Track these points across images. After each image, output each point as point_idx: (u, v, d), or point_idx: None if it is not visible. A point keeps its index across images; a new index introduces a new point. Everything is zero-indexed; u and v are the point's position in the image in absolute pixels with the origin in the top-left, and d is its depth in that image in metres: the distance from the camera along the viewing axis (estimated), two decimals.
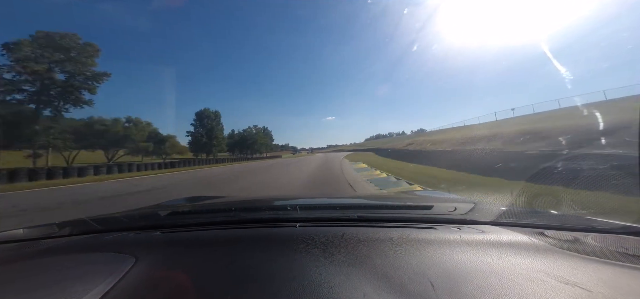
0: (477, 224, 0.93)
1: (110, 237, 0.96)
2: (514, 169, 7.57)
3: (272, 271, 0.64)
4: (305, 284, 0.57)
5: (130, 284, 0.61)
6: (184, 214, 1.37)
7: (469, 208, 1.13)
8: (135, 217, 1.32)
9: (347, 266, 0.64)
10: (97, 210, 6.48)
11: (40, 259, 0.81)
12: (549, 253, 0.70)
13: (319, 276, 0.60)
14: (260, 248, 0.77)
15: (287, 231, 0.91)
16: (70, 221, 1.10)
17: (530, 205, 3.98)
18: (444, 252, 0.70)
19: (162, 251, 0.80)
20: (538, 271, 0.61)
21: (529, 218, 1.05)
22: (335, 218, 1.05)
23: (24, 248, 0.93)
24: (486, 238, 0.80)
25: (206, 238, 0.91)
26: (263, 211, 1.42)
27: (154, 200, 7.34)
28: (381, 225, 0.93)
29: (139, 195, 8.66)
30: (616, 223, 0.91)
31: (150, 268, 0.69)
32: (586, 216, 1.07)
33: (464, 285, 0.55)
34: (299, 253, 0.72)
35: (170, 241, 0.90)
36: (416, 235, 0.82)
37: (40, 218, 5.49)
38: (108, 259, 0.75)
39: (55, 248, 0.88)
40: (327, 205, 1.62)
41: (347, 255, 0.70)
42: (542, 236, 0.82)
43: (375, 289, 0.55)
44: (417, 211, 1.28)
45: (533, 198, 4.54)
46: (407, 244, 0.75)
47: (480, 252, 0.71)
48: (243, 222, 1.09)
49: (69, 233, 1.01)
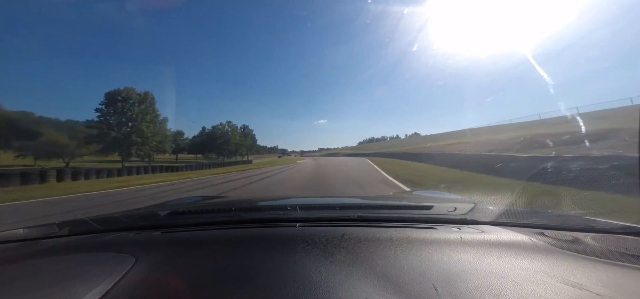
0: (477, 224, 0.93)
1: (110, 237, 0.96)
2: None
3: (272, 271, 0.64)
4: (305, 284, 0.57)
5: (130, 284, 0.61)
6: (184, 214, 1.37)
7: (469, 208, 1.13)
8: (135, 217, 1.32)
9: (347, 266, 0.64)
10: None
11: (40, 259, 0.80)
12: (549, 253, 0.70)
13: (319, 276, 0.60)
14: (260, 248, 0.77)
15: (287, 231, 0.91)
16: (70, 221, 1.10)
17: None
18: (444, 252, 0.70)
19: (162, 251, 0.80)
20: (538, 271, 0.61)
21: (529, 218, 1.05)
22: (335, 218, 1.05)
23: (24, 248, 0.93)
24: (486, 238, 0.80)
25: (206, 238, 0.91)
26: (263, 211, 1.42)
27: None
28: (381, 225, 0.93)
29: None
30: (616, 223, 0.91)
31: (150, 268, 0.69)
32: (586, 216, 1.08)
33: (464, 285, 0.55)
34: (299, 253, 0.72)
35: (170, 241, 0.90)
36: (416, 235, 0.82)
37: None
38: (108, 259, 0.75)
39: (55, 248, 0.88)
40: (327, 205, 1.62)
41: (347, 255, 0.70)
42: (542, 236, 0.82)
43: (375, 289, 0.55)
44: (417, 211, 1.28)
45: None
46: (407, 244, 0.75)
47: (480, 252, 0.71)
48: (243, 222, 1.09)
49: (68, 233, 1.01)
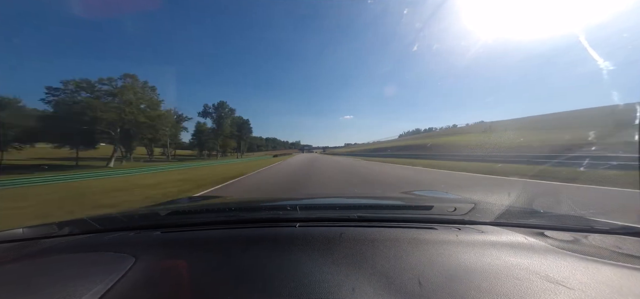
0: (476, 224, 0.93)
1: (110, 237, 0.96)
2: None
3: (272, 271, 0.64)
4: (305, 284, 0.57)
5: (129, 284, 0.61)
6: (184, 214, 1.37)
7: (469, 209, 1.13)
8: (135, 217, 1.32)
9: (347, 266, 0.64)
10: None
11: (40, 259, 0.81)
12: (548, 253, 0.70)
13: (319, 276, 0.60)
14: (260, 248, 0.77)
15: (287, 231, 0.90)
16: (70, 221, 1.10)
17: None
18: (443, 252, 0.70)
19: (161, 251, 0.80)
20: (537, 271, 0.61)
21: (529, 218, 1.05)
22: (336, 218, 1.05)
23: (24, 248, 0.93)
24: (486, 239, 0.80)
25: (206, 237, 0.91)
26: (263, 211, 1.42)
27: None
28: (381, 225, 0.93)
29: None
30: (616, 223, 0.91)
31: (149, 268, 0.69)
32: (586, 216, 1.07)
33: (464, 286, 0.55)
34: (298, 253, 0.72)
35: (170, 241, 0.90)
36: (416, 235, 0.82)
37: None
38: (107, 259, 0.75)
39: (55, 248, 0.88)
40: (327, 205, 1.62)
41: (347, 255, 0.70)
42: (541, 236, 0.82)
43: (375, 290, 0.55)
44: (417, 211, 1.28)
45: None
46: (407, 244, 0.75)
47: (480, 252, 0.71)
48: (243, 222, 1.09)
49: (68, 233, 1.01)
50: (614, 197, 4.80)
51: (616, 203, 4.38)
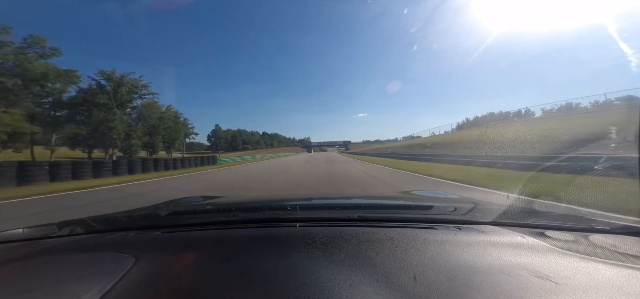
0: (476, 224, 0.93)
1: (110, 237, 0.96)
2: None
3: (272, 271, 0.64)
4: (305, 284, 0.57)
5: (130, 284, 0.61)
6: (184, 214, 1.37)
7: (469, 208, 1.12)
8: (135, 217, 1.32)
9: (347, 266, 0.64)
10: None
11: (40, 259, 0.81)
12: (549, 253, 0.70)
13: (319, 276, 0.60)
14: (260, 248, 0.77)
15: (287, 231, 0.90)
16: (70, 221, 1.10)
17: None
18: (443, 252, 0.70)
19: (162, 251, 0.80)
20: (538, 271, 0.60)
21: (529, 217, 1.05)
22: (336, 218, 1.05)
23: (24, 248, 0.93)
24: (486, 239, 0.80)
25: (206, 238, 0.91)
26: (263, 211, 1.41)
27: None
28: (381, 225, 0.93)
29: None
30: (616, 223, 0.91)
31: (150, 268, 0.69)
32: (586, 215, 1.07)
33: (464, 286, 0.55)
34: (299, 253, 0.72)
35: (170, 241, 0.90)
36: (416, 235, 0.82)
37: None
38: (108, 259, 0.75)
39: (55, 248, 0.88)
40: (327, 205, 1.62)
41: (347, 255, 0.69)
42: (542, 236, 0.82)
43: (375, 289, 0.55)
44: (417, 211, 1.28)
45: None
46: (407, 244, 0.75)
47: (480, 252, 0.70)
48: (243, 222, 1.09)
49: (68, 233, 1.01)
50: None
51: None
